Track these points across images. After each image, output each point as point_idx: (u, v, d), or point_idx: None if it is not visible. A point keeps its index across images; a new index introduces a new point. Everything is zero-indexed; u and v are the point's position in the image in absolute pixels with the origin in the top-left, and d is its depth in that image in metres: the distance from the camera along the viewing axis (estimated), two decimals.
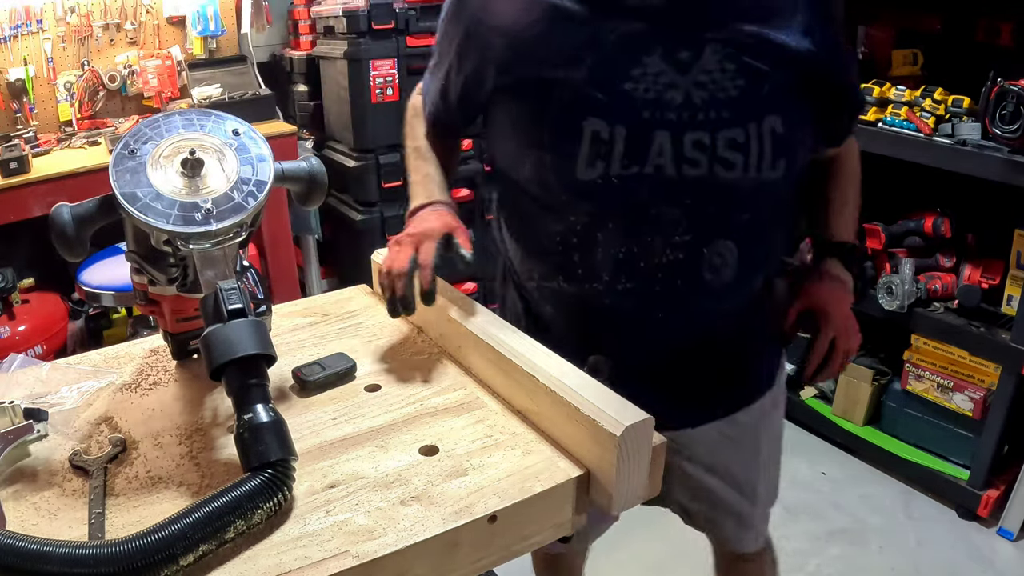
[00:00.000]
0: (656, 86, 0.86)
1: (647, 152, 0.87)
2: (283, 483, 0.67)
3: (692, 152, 0.87)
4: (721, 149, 0.87)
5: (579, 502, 0.75)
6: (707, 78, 0.86)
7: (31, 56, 2.61)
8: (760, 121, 0.87)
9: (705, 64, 0.86)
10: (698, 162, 0.87)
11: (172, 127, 0.80)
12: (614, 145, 0.88)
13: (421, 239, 0.96)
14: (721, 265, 0.92)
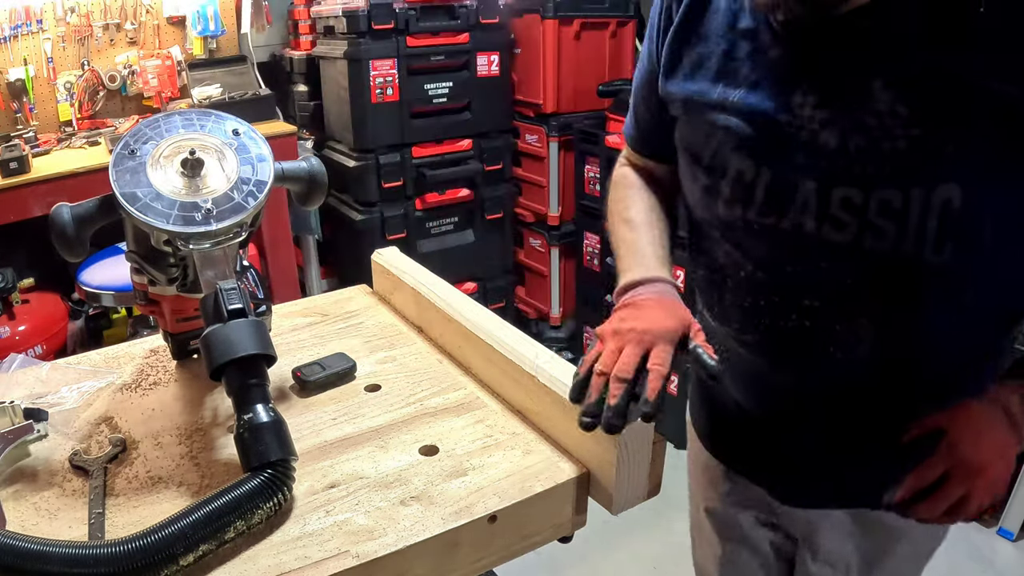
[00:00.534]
0: (812, 124, 0.72)
1: (790, 204, 0.75)
2: (283, 483, 0.67)
3: (839, 211, 0.72)
4: (873, 213, 0.70)
5: (579, 502, 0.75)
6: (874, 121, 0.69)
7: (31, 56, 2.61)
8: (931, 187, 0.67)
9: (873, 102, 0.68)
10: (844, 224, 0.72)
11: (172, 127, 0.80)
12: (755, 189, 0.76)
13: (653, 340, 0.73)
14: (854, 343, 0.77)
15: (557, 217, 2.98)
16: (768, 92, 0.75)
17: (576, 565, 2.08)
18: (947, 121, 0.66)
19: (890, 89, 0.68)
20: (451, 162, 2.79)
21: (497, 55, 2.76)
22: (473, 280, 2.96)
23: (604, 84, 2.69)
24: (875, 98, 0.68)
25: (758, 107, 0.75)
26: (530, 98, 2.91)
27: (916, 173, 0.68)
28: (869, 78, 0.68)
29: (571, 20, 2.76)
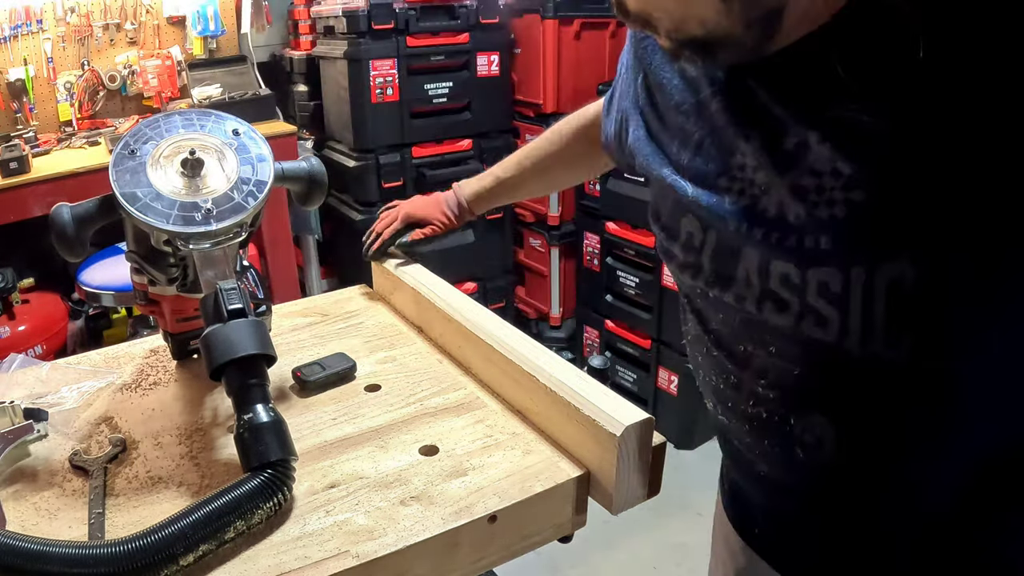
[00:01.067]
0: (753, 188, 0.62)
1: (733, 274, 0.66)
2: (283, 483, 0.67)
3: (779, 288, 0.62)
4: (812, 294, 0.59)
5: (579, 502, 0.75)
6: (811, 182, 0.57)
7: (31, 56, 2.61)
8: (873, 265, 0.55)
9: (812, 160, 0.57)
10: (786, 304, 0.62)
11: (172, 127, 0.80)
12: (703, 255, 0.68)
13: (397, 215, 1.15)
14: (813, 444, 0.66)
15: (557, 217, 2.98)
16: (710, 152, 0.66)
17: (576, 565, 2.08)
18: (894, 180, 0.53)
19: (827, 143, 0.56)
20: (451, 162, 2.79)
21: (497, 55, 2.76)
22: (473, 280, 2.96)
23: (604, 84, 2.69)
24: (812, 155, 0.57)
25: (701, 170, 0.67)
26: (530, 98, 2.91)
27: (857, 248, 0.56)
28: (805, 130, 0.57)
29: (571, 20, 2.76)
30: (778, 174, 0.60)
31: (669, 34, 0.56)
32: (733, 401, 0.73)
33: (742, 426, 0.73)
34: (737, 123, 0.63)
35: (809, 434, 0.66)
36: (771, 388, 0.67)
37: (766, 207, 0.61)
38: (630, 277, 2.62)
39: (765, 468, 0.73)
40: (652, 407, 2.61)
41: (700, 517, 2.24)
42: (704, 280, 0.69)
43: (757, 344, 0.67)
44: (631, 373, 2.71)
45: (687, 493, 2.33)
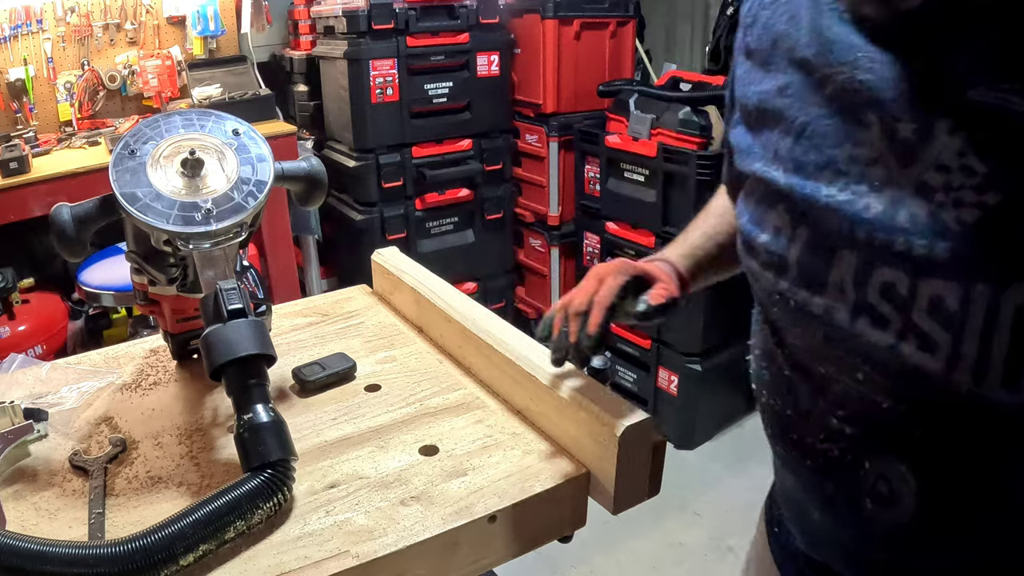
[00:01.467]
0: (862, 182, 0.54)
1: (824, 279, 0.57)
2: (283, 483, 0.67)
3: (878, 300, 0.54)
4: (920, 310, 0.51)
5: (579, 502, 0.75)
6: (937, 180, 0.50)
7: (31, 56, 2.61)
8: (1001, 283, 0.48)
9: (936, 153, 0.50)
10: (884, 321, 0.54)
11: (172, 127, 0.80)
12: (789, 252, 0.60)
13: (607, 273, 0.75)
14: (885, 497, 0.58)
15: (557, 217, 2.98)
16: (815, 139, 0.58)
17: (576, 565, 2.08)
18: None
19: (959, 134, 0.48)
20: (451, 162, 2.79)
21: (497, 55, 2.76)
22: (473, 280, 2.96)
23: (604, 84, 2.69)
24: (938, 147, 0.50)
25: (800, 159, 0.59)
26: (530, 98, 2.91)
27: (984, 260, 0.48)
28: (932, 118, 0.50)
29: (571, 20, 2.76)
30: (901, 167, 0.52)
31: None
32: (799, 433, 0.64)
33: (803, 462, 0.65)
34: (856, 105, 0.55)
35: (883, 484, 0.58)
36: (848, 423, 0.59)
37: (873, 204, 0.53)
38: None
39: (818, 516, 0.66)
40: (652, 407, 2.61)
41: (700, 517, 2.24)
42: (789, 280, 0.61)
43: (842, 367, 0.58)
44: (631, 373, 2.71)
45: (687, 493, 2.33)
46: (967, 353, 0.49)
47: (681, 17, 3.36)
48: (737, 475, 2.43)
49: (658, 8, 3.36)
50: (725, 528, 2.20)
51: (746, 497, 2.34)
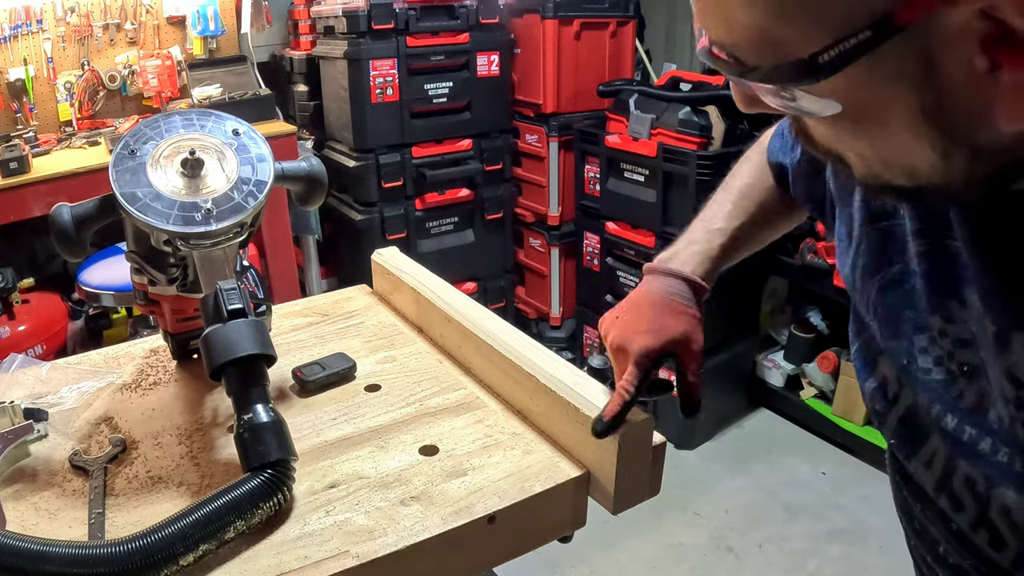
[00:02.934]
0: (951, 363, 0.51)
1: (917, 449, 0.57)
2: (283, 483, 0.67)
3: (961, 489, 0.53)
4: (994, 512, 0.51)
5: (579, 502, 0.75)
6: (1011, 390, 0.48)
7: (31, 56, 2.61)
8: None
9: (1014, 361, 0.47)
10: (962, 505, 0.54)
11: (172, 127, 0.80)
12: (891, 410, 0.59)
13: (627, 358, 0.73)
14: None
15: (557, 217, 2.98)
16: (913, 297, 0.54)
17: (576, 565, 2.08)
18: None
19: None
20: (451, 162, 2.79)
21: (497, 55, 2.76)
22: (473, 280, 2.96)
23: (604, 84, 2.69)
24: (1015, 355, 0.46)
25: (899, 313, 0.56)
26: (530, 98, 2.91)
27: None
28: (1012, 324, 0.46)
29: (571, 20, 2.76)
30: (996, 353, 0.47)
31: (865, 179, 0.47)
32: (916, 543, 0.66)
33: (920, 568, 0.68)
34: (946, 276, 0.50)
35: None
36: (948, 555, 0.60)
37: (964, 392, 0.50)
38: (630, 277, 2.62)
39: None
40: (652, 407, 2.61)
41: (699, 517, 2.24)
42: (891, 436, 0.60)
43: (938, 516, 0.59)
44: None
45: (687, 493, 2.33)
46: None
47: (681, 17, 3.36)
48: (737, 475, 2.43)
49: (658, 8, 3.36)
50: (725, 528, 2.20)
51: (746, 497, 2.35)
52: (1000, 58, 0.36)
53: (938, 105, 0.39)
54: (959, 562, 0.59)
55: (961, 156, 0.41)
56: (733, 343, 2.60)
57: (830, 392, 2.58)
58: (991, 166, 0.41)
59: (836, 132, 0.44)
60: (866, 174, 0.46)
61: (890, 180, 0.45)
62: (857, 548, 2.10)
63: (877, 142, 0.43)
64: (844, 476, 2.40)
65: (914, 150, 0.41)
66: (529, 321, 3.25)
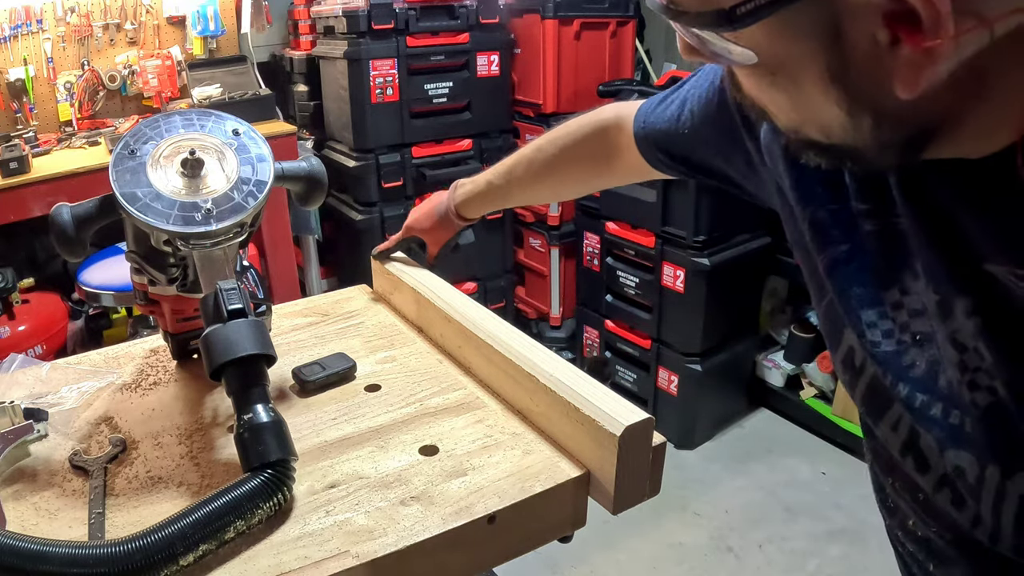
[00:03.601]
0: (904, 334, 0.54)
1: (880, 417, 0.60)
2: (283, 483, 0.67)
3: (927, 447, 0.56)
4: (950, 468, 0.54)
5: (579, 502, 0.75)
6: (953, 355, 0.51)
7: (31, 56, 2.61)
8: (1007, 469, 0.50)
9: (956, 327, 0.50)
10: (927, 466, 0.56)
11: (172, 127, 0.80)
12: (859, 380, 0.61)
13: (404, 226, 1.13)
14: None
15: (557, 217, 2.98)
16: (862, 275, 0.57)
17: (576, 565, 2.08)
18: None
19: (974, 318, 0.48)
20: (451, 162, 2.79)
21: (497, 55, 2.76)
22: (473, 280, 2.96)
23: (604, 84, 2.69)
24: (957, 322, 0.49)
25: (847, 290, 0.58)
26: (530, 98, 2.91)
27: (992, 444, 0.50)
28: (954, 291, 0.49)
29: (571, 20, 2.76)
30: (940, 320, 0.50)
31: (787, 132, 0.50)
32: (889, 521, 0.68)
33: (895, 546, 0.70)
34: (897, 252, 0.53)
35: None
36: (916, 528, 0.63)
37: (916, 361, 0.53)
38: (630, 277, 2.62)
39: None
40: (652, 407, 2.61)
41: (700, 517, 2.24)
42: (859, 403, 0.62)
43: (905, 487, 0.61)
44: (631, 373, 2.71)
45: (687, 493, 2.33)
46: (984, 518, 0.52)
47: None
48: (737, 475, 2.43)
49: None
50: (725, 528, 2.20)
51: (746, 497, 2.35)
52: (900, 33, 0.39)
53: (844, 69, 0.42)
54: (926, 533, 0.61)
55: (867, 119, 0.44)
56: (733, 343, 2.60)
57: (830, 392, 2.58)
58: (897, 132, 0.44)
59: (758, 83, 0.48)
60: (787, 127, 0.49)
61: (808, 135, 0.48)
62: (857, 548, 2.10)
63: (792, 97, 0.46)
64: (844, 476, 2.40)
65: (825, 108, 0.45)
66: (529, 321, 3.25)
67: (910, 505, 0.62)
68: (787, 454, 2.54)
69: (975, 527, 0.54)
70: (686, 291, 2.42)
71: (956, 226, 0.48)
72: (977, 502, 0.52)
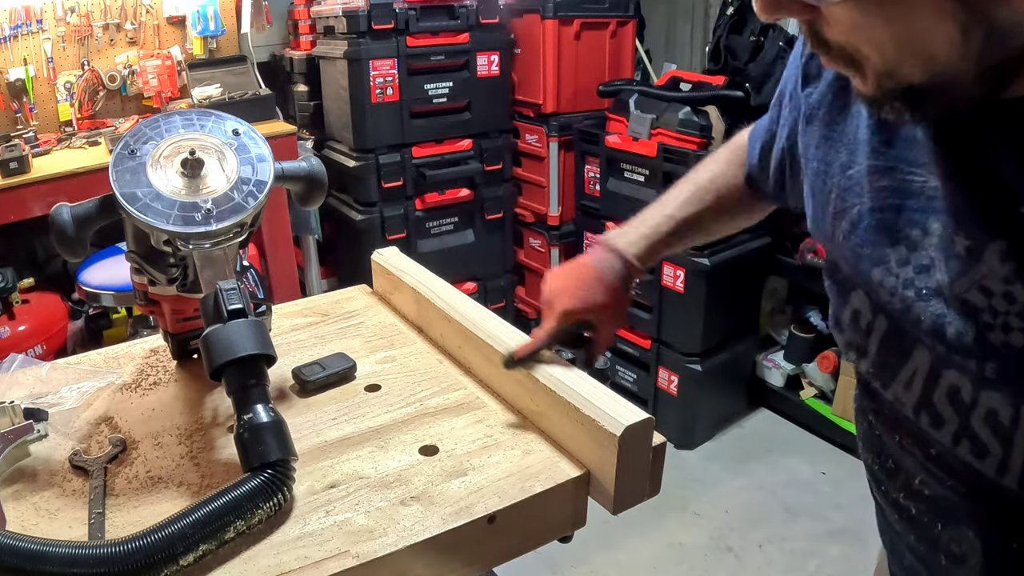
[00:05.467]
0: (909, 288, 0.55)
1: (897, 371, 0.60)
2: (283, 483, 0.67)
3: (942, 402, 0.56)
4: (977, 419, 0.54)
5: (579, 502, 0.75)
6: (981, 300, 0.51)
7: (31, 56, 2.61)
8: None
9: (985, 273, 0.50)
10: (941, 420, 0.57)
11: (172, 127, 0.80)
12: (870, 338, 0.62)
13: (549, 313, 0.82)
14: (958, 556, 0.62)
15: (557, 217, 2.98)
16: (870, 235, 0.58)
17: (576, 565, 2.08)
18: None
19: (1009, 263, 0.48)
20: (451, 162, 2.79)
21: (497, 55, 2.76)
22: (473, 280, 2.96)
23: (604, 84, 2.70)
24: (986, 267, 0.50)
25: (859, 251, 0.59)
26: (530, 98, 2.91)
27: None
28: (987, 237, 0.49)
29: (571, 20, 2.76)
30: (948, 280, 0.52)
31: (879, 77, 0.48)
32: (887, 485, 0.68)
33: (892, 513, 0.69)
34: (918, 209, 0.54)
35: (956, 545, 0.61)
36: (926, 486, 0.62)
37: (922, 315, 0.54)
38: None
39: (908, 561, 0.69)
40: (652, 407, 2.61)
41: (700, 517, 2.24)
42: (869, 365, 0.63)
43: (916, 443, 0.61)
44: (631, 373, 2.71)
45: (687, 493, 2.33)
46: (1014, 464, 0.53)
47: (681, 17, 3.36)
48: (737, 475, 2.43)
49: (658, 8, 3.36)
50: (725, 528, 2.20)
51: (746, 497, 2.35)
52: None
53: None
54: (936, 491, 0.61)
55: (979, 34, 0.43)
56: (733, 343, 2.60)
57: (830, 392, 2.58)
58: (1001, 52, 0.44)
59: (858, 17, 0.45)
60: (880, 71, 0.47)
61: (904, 77, 0.46)
62: (857, 548, 2.10)
63: (898, 25, 0.44)
64: (844, 476, 2.40)
65: (934, 30, 0.43)
66: (529, 321, 3.25)
67: (919, 461, 0.61)
68: (787, 454, 2.54)
69: (1001, 475, 0.54)
70: (686, 291, 2.42)
71: (993, 170, 0.48)
72: (1008, 445, 0.52)
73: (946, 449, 0.58)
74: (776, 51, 2.42)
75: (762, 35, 2.48)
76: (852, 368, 0.69)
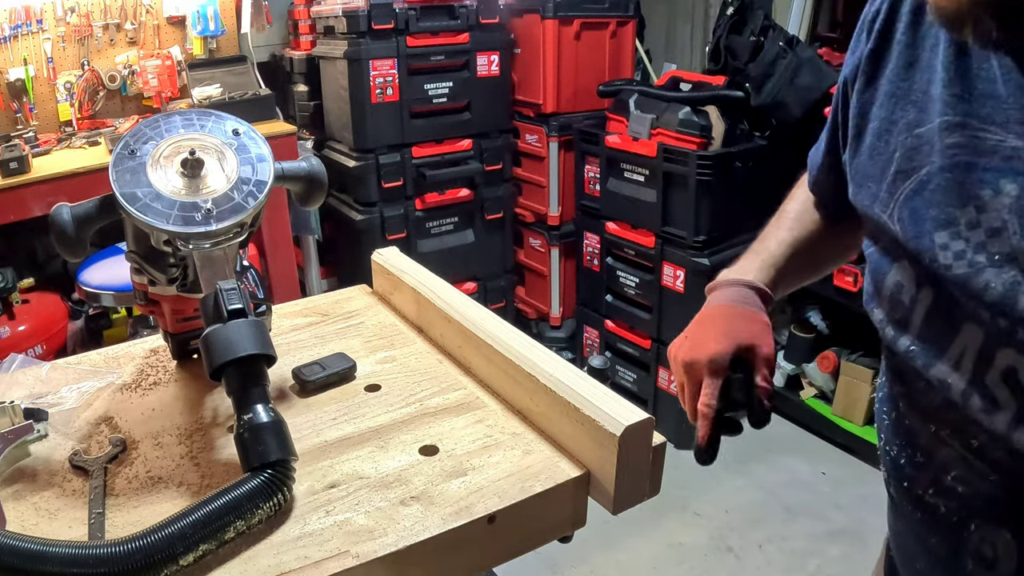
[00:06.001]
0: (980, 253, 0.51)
1: (945, 348, 0.56)
2: (283, 483, 0.67)
3: (996, 383, 0.52)
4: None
5: (579, 502, 0.75)
6: None
7: (31, 56, 2.61)
8: None
9: None
10: (996, 405, 0.52)
11: (172, 127, 0.80)
12: (914, 312, 0.58)
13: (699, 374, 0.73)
14: (989, 559, 0.58)
15: (557, 217, 2.98)
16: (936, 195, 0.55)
17: (576, 565, 2.08)
18: None
19: None
20: (451, 162, 2.79)
21: (497, 55, 2.76)
22: (473, 280, 2.96)
23: (604, 84, 2.70)
24: None
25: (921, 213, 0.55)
26: (530, 98, 2.91)
27: None
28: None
29: (571, 20, 2.76)
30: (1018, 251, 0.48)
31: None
32: (910, 481, 0.63)
33: (912, 511, 0.64)
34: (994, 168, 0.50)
35: (988, 547, 0.57)
36: (960, 482, 0.58)
37: (993, 282, 0.49)
38: (630, 277, 2.62)
39: (921, 565, 0.65)
40: (652, 407, 2.61)
41: (700, 517, 2.24)
42: (911, 339, 0.58)
43: (956, 432, 0.57)
44: (631, 373, 2.71)
45: (687, 493, 2.33)
46: None
47: (681, 17, 3.36)
48: (737, 475, 2.43)
49: (658, 8, 3.36)
50: (725, 528, 2.20)
51: (746, 497, 2.35)
52: None
53: None
54: (972, 487, 0.57)
55: None
56: None
57: (830, 392, 2.58)
58: None
59: None
60: None
61: None
62: (857, 548, 2.10)
63: None
64: (844, 476, 2.40)
65: None
66: (529, 321, 3.25)
67: (957, 454, 0.57)
68: (787, 454, 2.54)
69: None
70: (686, 291, 2.43)
71: None
72: None
73: (995, 438, 0.52)
74: (776, 51, 2.41)
75: (762, 35, 2.48)
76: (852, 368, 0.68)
